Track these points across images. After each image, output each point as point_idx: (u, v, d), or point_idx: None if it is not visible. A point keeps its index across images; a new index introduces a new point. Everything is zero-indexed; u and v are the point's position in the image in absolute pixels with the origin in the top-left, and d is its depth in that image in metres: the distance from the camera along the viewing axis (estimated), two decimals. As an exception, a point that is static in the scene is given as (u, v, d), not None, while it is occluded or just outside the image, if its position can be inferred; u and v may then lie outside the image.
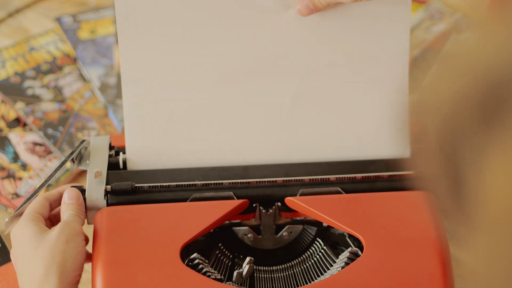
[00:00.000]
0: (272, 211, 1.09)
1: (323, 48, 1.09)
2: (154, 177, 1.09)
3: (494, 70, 0.52)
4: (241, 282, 1.02)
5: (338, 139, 1.11)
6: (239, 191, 1.08)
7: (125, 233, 1.02)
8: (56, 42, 1.46)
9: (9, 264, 1.17)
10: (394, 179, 1.09)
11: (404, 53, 1.10)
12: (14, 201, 1.25)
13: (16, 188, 1.27)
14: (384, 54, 1.09)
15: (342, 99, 1.11)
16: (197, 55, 1.09)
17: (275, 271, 1.08)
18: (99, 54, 1.44)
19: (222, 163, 1.11)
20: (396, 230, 1.02)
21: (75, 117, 1.35)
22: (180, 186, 1.08)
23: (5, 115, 1.36)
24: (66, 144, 1.31)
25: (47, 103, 1.36)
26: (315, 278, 1.05)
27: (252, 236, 1.10)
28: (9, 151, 1.31)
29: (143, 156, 1.10)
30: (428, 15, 1.52)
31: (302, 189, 1.08)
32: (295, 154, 1.11)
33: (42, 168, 1.29)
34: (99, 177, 1.08)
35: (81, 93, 1.39)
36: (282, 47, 1.09)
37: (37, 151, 1.32)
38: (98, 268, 0.99)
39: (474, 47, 0.56)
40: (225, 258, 1.08)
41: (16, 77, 1.40)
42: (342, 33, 1.08)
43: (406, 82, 1.10)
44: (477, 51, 0.55)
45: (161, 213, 1.04)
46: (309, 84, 1.10)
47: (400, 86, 1.09)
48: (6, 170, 1.29)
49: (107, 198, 1.07)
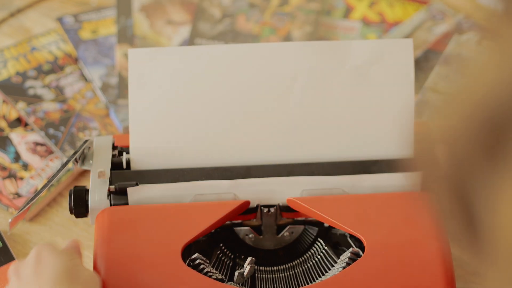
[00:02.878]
0: (273, 211, 1.09)
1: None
2: (157, 177, 1.09)
3: (497, 99, 0.51)
4: (242, 282, 1.02)
5: (342, 140, 1.11)
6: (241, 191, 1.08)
7: (127, 233, 1.02)
8: (58, 42, 1.46)
9: (11, 264, 1.17)
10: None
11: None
12: (15, 201, 1.25)
13: (17, 188, 1.27)
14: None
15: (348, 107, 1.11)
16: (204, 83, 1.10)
17: (276, 271, 1.08)
18: (101, 54, 1.44)
19: (225, 163, 1.11)
20: (397, 231, 1.02)
21: (77, 117, 1.35)
22: None
23: (6, 115, 1.36)
24: (67, 144, 1.31)
25: (48, 103, 1.37)
26: (317, 278, 1.05)
27: (253, 236, 1.10)
28: (10, 151, 1.31)
29: (147, 156, 1.10)
30: (430, 16, 1.52)
31: (304, 189, 1.08)
32: (298, 155, 1.11)
33: (43, 168, 1.29)
34: (103, 177, 1.08)
35: (83, 93, 1.39)
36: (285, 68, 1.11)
37: (39, 151, 1.32)
38: (99, 268, 0.99)
39: (476, 76, 0.54)
40: (226, 258, 1.08)
41: (18, 77, 1.40)
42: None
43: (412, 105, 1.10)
44: (479, 80, 0.54)
45: (163, 213, 1.04)
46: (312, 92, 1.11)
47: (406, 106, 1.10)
48: (7, 170, 1.29)
49: (110, 198, 1.08)
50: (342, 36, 1.48)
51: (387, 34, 1.48)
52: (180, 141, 1.11)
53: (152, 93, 1.11)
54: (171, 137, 1.11)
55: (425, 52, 1.46)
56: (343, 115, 1.11)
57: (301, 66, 1.11)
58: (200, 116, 1.11)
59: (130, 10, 1.50)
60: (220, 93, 1.11)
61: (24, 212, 1.08)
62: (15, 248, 1.20)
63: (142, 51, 1.12)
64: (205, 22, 1.48)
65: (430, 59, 1.45)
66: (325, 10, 1.52)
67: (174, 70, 1.11)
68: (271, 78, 1.11)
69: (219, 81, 1.11)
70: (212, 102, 1.11)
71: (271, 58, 1.11)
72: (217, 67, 1.11)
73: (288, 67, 1.11)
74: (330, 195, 1.07)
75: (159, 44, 1.45)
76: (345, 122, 1.11)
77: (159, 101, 1.11)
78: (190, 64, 1.11)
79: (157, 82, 1.11)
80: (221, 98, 1.11)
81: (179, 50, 1.17)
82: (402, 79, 1.11)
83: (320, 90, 1.11)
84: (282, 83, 1.11)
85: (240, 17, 1.50)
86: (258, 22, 1.49)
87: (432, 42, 1.48)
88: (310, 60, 1.11)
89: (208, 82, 1.11)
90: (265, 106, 1.11)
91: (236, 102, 1.11)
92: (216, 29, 1.47)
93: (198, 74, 1.11)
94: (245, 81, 1.11)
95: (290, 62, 1.11)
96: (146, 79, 1.11)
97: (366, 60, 1.11)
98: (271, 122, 1.11)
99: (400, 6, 1.53)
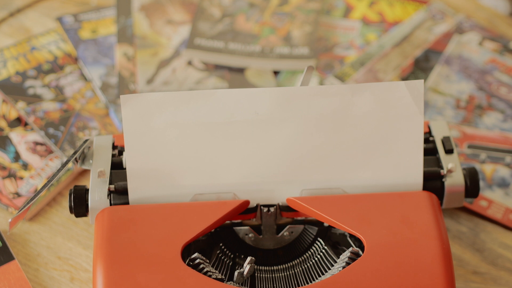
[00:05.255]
0: (273, 211, 1.09)
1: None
2: None
3: None
4: (242, 282, 1.02)
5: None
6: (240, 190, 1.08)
7: (126, 232, 1.02)
8: (58, 41, 1.46)
9: (10, 264, 1.17)
10: None
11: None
12: (15, 201, 1.25)
13: (17, 188, 1.27)
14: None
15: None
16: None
17: (276, 271, 1.08)
18: (100, 54, 1.44)
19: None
20: (397, 230, 1.02)
21: (76, 117, 1.35)
22: None
23: (6, 115, 1.36)
24: (67, 144, 1.31)
25: (48, 102, 1.37)
26: (316, 278, 1.05)
27: (253, 236, 1.10)
28: (10, 150, 1.31)
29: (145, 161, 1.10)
30: (430, 16, 1.52)
31: (303, 188, 1.08)
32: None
33: (43, 168, 1.29)
34: (102, 176, 1.09)
35: (82, 92, 1.39)
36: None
37: (38, 150, 1.32)
38: (99, 268, 0.99)
39: None
40: (226, 258, 1.08)
41: (18, 76, 1.40)
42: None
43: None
44: None
45: (162, 212, 1.04)
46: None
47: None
48: (7, 169, 1.29)
49: (110, 198, 1.08)
50: (342, 36, 1.48)
51: (387, 33, 1.48)
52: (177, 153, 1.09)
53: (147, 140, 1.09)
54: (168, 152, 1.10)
55: (425, 52, 1.46)
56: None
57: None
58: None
59: (129, 10, 1.50)
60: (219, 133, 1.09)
61: (24, 211, 1.08)
62: (15, 248, 1.20)
63: (134, 97, 1.08)
64: (205, 22, 1.48)
65: (430, 59, 1.45)
66: (325, 9, 1.53)
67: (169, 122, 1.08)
68: (283, 121, 1.09)
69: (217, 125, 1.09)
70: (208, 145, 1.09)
71: (283, 103, 1.09)
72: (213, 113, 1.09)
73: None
74: (330, 195, 1.07)
75: (159, 43, 1.45)
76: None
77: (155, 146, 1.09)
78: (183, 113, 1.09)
79: (153, 130, 1.08)
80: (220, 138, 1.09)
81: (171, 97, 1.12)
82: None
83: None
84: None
85: (240, 17, 1.50)
86: (257, 21, 1.49)
87: (432, 42, 1.48)
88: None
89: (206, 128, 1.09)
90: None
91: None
92: (216, 29, 1.47)
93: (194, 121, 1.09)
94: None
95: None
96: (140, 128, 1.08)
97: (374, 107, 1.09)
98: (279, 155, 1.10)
99: (400, 6, 1.53)
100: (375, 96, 1.07)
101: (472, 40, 1.48)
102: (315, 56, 1.44)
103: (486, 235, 1.23)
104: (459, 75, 1.42)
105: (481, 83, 1.41)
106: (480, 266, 1.20)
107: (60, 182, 1.27)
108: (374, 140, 1.08)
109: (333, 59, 1.45)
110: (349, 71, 1.42)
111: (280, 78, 1.42)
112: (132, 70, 1.42)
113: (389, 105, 1.07)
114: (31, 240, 1.22)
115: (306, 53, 1.44)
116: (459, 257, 1.20)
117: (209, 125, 1.07)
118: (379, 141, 1.08)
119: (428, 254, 0.99)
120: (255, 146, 1.08)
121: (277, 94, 1.07)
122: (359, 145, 1.08)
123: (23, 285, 1.16)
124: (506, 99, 1.39)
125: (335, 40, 1.48)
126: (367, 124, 1.08)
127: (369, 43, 1.47)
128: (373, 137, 1.08)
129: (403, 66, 1.44)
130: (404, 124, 1.08)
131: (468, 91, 1.40)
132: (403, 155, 1.08)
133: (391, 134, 1.08)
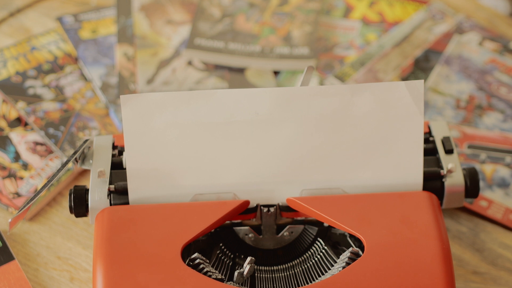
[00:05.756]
0: (273, 211, 1.09)
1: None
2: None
3: None
4: (242, 282, 1.02)
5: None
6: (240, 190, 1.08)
7: (126, 232, 1.02)
8: (58, 41, 1.46)
9: (10, 264, 1.17)
10: None
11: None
12: (15, 201, 1.25)
13: (17, 188, 1.27)
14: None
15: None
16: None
17: (276, 271, 1.08)
18: (101, 54, 1.44)
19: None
20: (397, 230, 1.02)
21: (76, 117, 1.35)
22: None
23: (6, 115, 1.36)
24: (67, 144, 1.31)
25: (48, 102, 1.37)
26: (316, 278, 1.05)
27: (253, 236, 1.10)
28: (10, 150, 1.31)
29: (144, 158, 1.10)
30: (430, 16, 1.52)
31: (303, 188, 1.08)
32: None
33: (43, 168, 1.29)
34: (103, 176, 1.09)
35: (83, 92, 1.39)
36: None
37: (38, 150, 1.32)
38: (99, 268, 0.99)
39: None
40: (226, 258, 1.08)
41: (18, 76, 1.40)
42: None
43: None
44: None
45: (162, 212, 1.04)
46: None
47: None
48: (7, 169, 1.29)
49: (110, 198, 1.08)
50: (342, 36, 1.48)
51: (387, 33, 1.48)
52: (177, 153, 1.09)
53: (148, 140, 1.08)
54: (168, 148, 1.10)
55: (425, 52, 1.46)
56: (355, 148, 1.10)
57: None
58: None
59: (129, 10, 1.50)
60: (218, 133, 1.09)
61: (24, 211, 1.08)
62: (15, 248, 1.20)
63: (134, 97, 1.08)
64: (204, 22, 1.48)
65: (430, 59, 1.45)
66: (325, 9, 1.53)
67: (169, 122, 1.08)
68: (283, 122, 1.09)
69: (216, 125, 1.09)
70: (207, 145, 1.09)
71: (283, 103, 1.09)
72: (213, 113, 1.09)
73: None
74: (330, 195, 1.07)
75: (159, 43, 1.45)
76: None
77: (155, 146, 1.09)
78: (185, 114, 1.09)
79: (153, 130, 1.08)
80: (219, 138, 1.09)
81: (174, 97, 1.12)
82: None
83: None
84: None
85: (240, 17, 1.50)
86: (257, 21, 1.49)
87: (432, 42, 1.48)
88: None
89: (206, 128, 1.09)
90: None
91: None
92: (216, 29, 1.47)
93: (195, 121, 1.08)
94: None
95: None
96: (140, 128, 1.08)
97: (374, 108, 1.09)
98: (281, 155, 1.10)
99: (400, 6, 1.53)
100: (375, 96, 1.07)
101: (472, 40, 1.48)
102: (315, 56, 1.44)
103: (486, 235, 1.23)
104: (459, 75, 1.42)
105: (481, 83, 1.41)
106: (480, 266, 1.20)
107: (60, 182, 1.27)
108: (374, 140, 1.08)
109: (333, 59, 1.45)
110: (349, 71, 1.42)
111: (280, 78, 1.42)
112: (132, 70, 1.42)
113: (389, 105, 1.07)
114: (31, 240, 1.22)
115: (306, 53, 1.44)
116: (459, 257, 1.20)
117: (209, 125, 1.07)
118: (379, 141, 1.08)
119: (428, 254, 0.99)
120: (255, 146, 1.08)
121: (277, 94, 1.07)
122: (359, 145, 1.08)
123: (23, 285, 1.16)
124: (506, 99, 1.39)
125: (335, 40, 1.48)
126: (367, 124, 1.08)
127: (369, 43, 1.47)
128: (373, 137, 1.08)
129: (403, 66, 1.44)
130: (404, 124, 1.08)
131: (468, 91, 1.40)
132: (403, 155, 1.08)
133: (391, 134, 1.08)
